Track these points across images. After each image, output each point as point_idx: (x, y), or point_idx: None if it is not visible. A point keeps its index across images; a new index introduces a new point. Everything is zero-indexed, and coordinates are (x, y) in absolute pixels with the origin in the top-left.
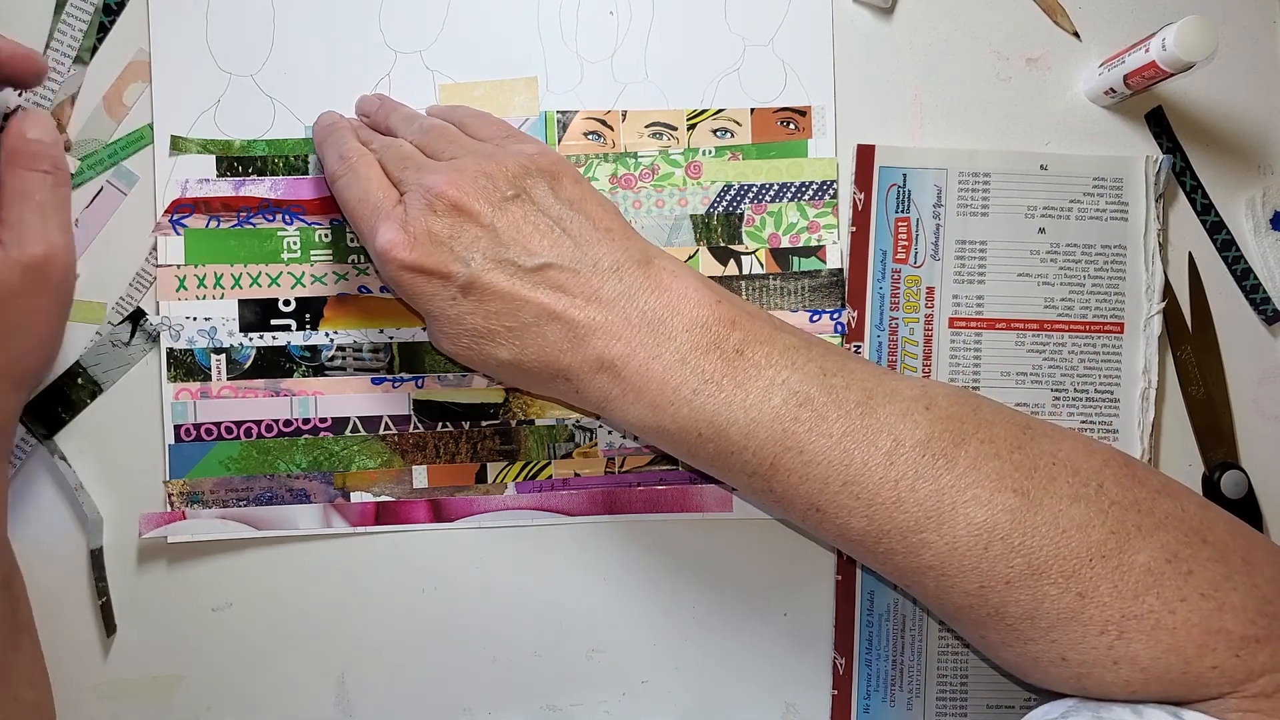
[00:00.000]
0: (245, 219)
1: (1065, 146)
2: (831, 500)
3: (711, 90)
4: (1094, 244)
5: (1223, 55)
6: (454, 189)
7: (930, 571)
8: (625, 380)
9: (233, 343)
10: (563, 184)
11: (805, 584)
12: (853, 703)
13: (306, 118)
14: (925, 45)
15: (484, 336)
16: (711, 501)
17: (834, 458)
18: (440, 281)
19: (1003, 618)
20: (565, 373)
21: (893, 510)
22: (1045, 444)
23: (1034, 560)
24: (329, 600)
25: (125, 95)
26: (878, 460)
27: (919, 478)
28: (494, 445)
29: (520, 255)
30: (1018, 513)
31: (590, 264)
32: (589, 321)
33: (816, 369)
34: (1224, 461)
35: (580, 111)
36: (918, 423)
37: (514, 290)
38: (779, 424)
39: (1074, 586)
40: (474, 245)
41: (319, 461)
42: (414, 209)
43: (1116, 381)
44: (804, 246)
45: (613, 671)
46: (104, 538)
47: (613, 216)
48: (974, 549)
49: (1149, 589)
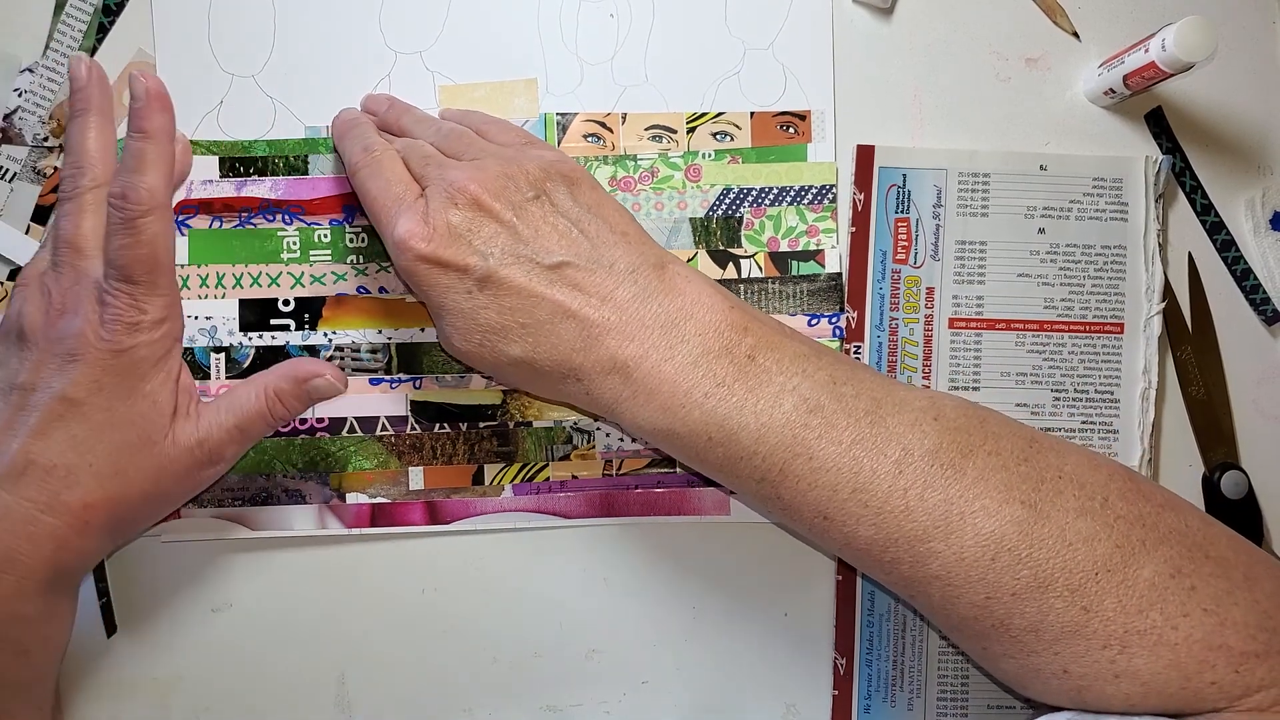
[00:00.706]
0: (246, 219)
1: (1065, 147)
2: (840, 508)
3: (711, 93)
4: (1094, 244)
5: (1223, 55)
6: (475, 184)
7: (936, 582)
8: (637, 382)
9: (232, 342)
10: (581, 189)
11: (806, 584)
12: (853, 703)
13: (307, 118)
14: (925, 45)
15: (496, 332)
16: (709, 505)
17: (843, 465)
18: (457, 274)
19: (1007, 630)
20: (577, 372)
21: (901, 519)
22: (1051, 457)
23: (1040, 572)
24: (329, 600)
25: (125, 95)
26: (886, 469)
27: (928, 487)
28: (491, 447)
29: (539, 253)
30: (1025, 524)
31: (606, 265)
32: (603, 321)
33: (827, 377)
34: (1224, 462)
35: (580, 114)
36: (926, 433)
37: (531, 286)
38: (789, 429)
39: (1079, 600)
40: (493, 240)
41: (315, 462)
42: (435, 201)
43: (1116, 382)
44: (803, 250)
45: (613, 671)
46: None
47: (629, 221)
48: (981, 559)
49: (1153, 604)
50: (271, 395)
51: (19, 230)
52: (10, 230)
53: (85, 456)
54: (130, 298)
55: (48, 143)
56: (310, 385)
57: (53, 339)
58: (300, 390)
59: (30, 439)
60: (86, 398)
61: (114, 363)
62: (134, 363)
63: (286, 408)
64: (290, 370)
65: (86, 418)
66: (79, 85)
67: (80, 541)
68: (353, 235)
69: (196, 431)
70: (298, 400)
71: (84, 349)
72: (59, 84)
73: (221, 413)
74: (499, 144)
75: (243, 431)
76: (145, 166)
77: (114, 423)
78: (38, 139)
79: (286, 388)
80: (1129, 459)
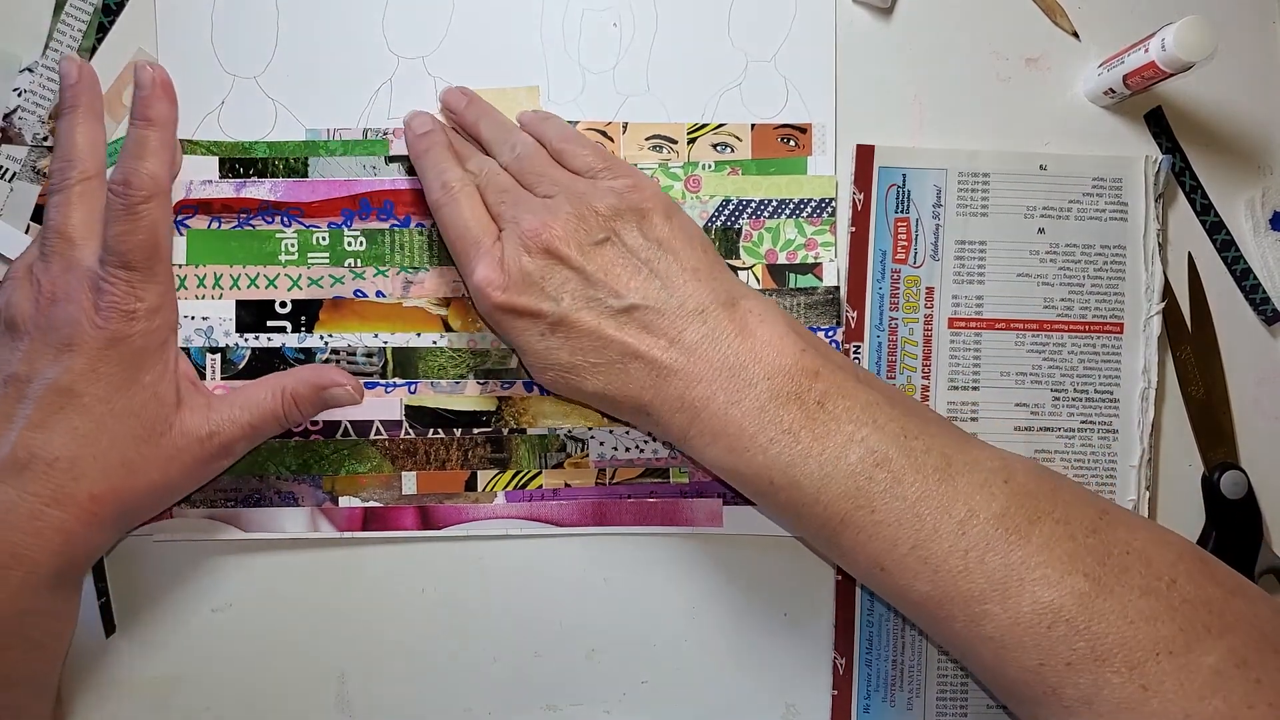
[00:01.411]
0: (245, 220)
1: (1065, 147)
2: (898, 562)
3: (713, 104)
4: (1093, 244)
5: (1222, 55)
6: (547, 232)
7: (990, 643)
8: (703, 422)
9: (228, 342)
10: (653, 222)
11: (805, 584)
12: (853, 703)
13: (308, 121)
14: (925, 45)
15: (570, 370)
16: (702, 516)
17: (906, 520)
18: (530, 319)
19: (1059, 698)
20: (647, 408)
21: (959, 578)
22: (1121, 531)
23: (1098, 646)
24: (329, 601)
25: (125, 95)
26: (950, 528)
27: (989, 549)
28: (485, 453)
29: (609, 296)
30: (1086, 597)
31: (676, 305)
32: (671, 363)
33: (898, 429)
34: (1224, 462)
35: (581, 122)
36: (995, 495)
37: (600, 329)
38: (853, 481)
39: (1138, 678)
40: (564, 286)
41: (309, 465)
42: (509, 248)
43: (1116, 382)
44: (801, 264)
45: (613, 671)
46: None
47: (700, 253)
48: (1037, 626)
49: (1215, 691)
50: (289, 398)
51: (19, 230)
52: (10, 230)
53: (88, 449)
54: (127, 284)
55: (47, 142)
56: (329, 393)
57: (45, 328)
58: (317, 396)
59: (30, 431)
60: (85, 388)
61: (110, 351)
62: (132, 353)
63: (301, 412)
64: (312, 376)
65: (87, 409)
66: (69, 83)
67: (88, 534)
68: (351, 239)
69: (208, 424)
70: (313, 406)
71: (79, 337)
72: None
73: (236, 408)
74: (573, 170)
75: (255, 429)
76: (147, 153)
77: (115, 414)
78: (37, 139)
79: (305, 393)
80: (1129, 459)
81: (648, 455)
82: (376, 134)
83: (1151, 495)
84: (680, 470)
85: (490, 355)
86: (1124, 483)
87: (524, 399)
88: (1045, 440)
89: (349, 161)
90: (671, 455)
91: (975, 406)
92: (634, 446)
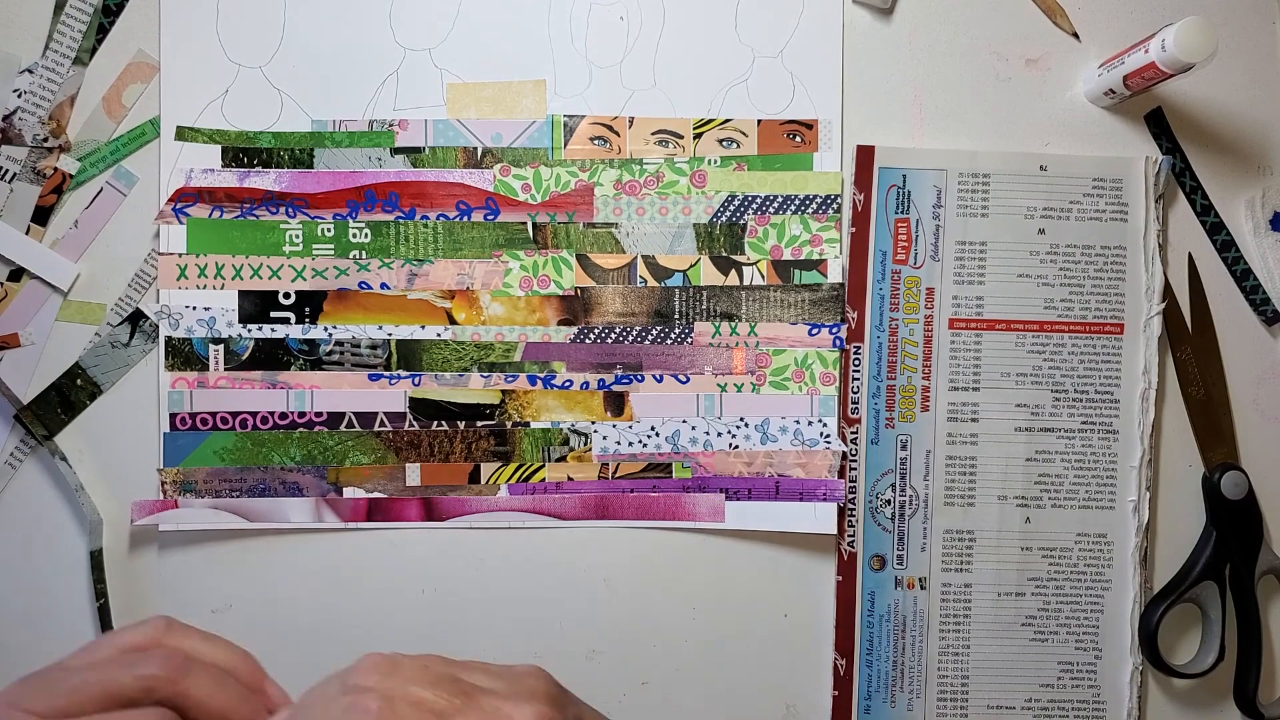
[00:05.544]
0: (248, 210)
1: (1065, 147)
2: None
3: (719, 100)
4: (1094, 245)
5: (1223, 56)
6: None
7: None
8: None
9: (231, 333)
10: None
11: (806, 585)
12: (853, 703)
13: (314, 112)
14: (925, 46)
15: None
16: (704, 511)
17: None
18: None
19: None
20: None
21: None
22: None
23: None
24: (329, 600)
25: (124, 95)
26: None
27: None
28: (489, 446)
29: None
30: None
31: None
32: None
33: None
34: (1224, 462)
35: (587, 116)
36: None
37: None
38: None
39: None
40: None
41: (313, 455)
42: None
43: (1116, 382)
44: (806, 260)
45: (613, 671)
46: (103, 539)
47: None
48: None
49: None
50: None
51: (19, 230)
52: (10, 230)
53: None
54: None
55: (47, 143)
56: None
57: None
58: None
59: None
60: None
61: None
62: None
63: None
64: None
65: None
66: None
67: None
68: (356, 230)
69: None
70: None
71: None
72: (59, 84)
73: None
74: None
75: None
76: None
77: None
78: (37, 139)
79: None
80: (1129, 459)
81: (650, 450)
82: (382, 126)
83: (1152, 495)
84: (683, 465)
85: (494, 349)
86: (1124, 483)
87: (527, 392)
88: (1045, 440)
89: (354, 153)
90: (674, 450)
91: (975, 407)
92: (637, 441)
